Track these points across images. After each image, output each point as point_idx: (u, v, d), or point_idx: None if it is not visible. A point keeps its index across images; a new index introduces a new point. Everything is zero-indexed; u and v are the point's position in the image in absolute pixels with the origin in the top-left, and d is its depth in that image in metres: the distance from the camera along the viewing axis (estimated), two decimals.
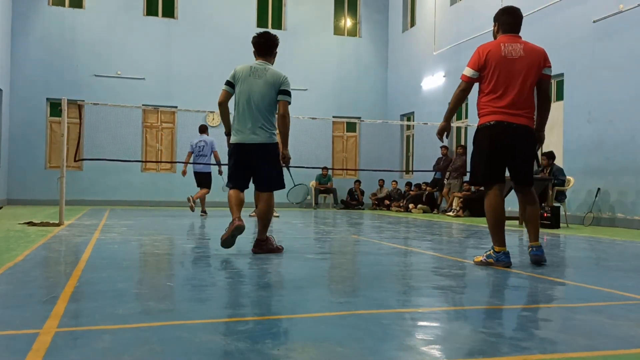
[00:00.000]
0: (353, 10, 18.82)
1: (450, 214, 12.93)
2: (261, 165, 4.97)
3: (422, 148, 16.38)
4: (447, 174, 14.02)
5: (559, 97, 11.63)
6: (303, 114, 12.52)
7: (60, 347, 2.08)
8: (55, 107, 15.57)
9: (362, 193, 17.37)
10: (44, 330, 2.28)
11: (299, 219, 10.96)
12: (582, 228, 9.49)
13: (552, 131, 11.33)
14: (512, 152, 4.42)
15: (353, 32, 18.84)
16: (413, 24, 17.60)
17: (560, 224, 9.41)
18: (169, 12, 16.94)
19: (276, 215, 11.18)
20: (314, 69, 17.73)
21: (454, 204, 13.21)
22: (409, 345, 2.22)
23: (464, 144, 14.08)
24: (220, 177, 11.40)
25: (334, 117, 16.50)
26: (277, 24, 17.95)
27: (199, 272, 4.09)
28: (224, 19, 17.08)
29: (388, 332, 2.38)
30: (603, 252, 6.06)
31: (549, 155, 9.99)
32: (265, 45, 5.09)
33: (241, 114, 4.95)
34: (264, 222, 5.05)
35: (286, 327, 2.49)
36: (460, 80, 4.53)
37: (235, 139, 4.99)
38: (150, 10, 16.80)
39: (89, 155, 14.92)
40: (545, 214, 9.19)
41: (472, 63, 4.45)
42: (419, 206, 14.75)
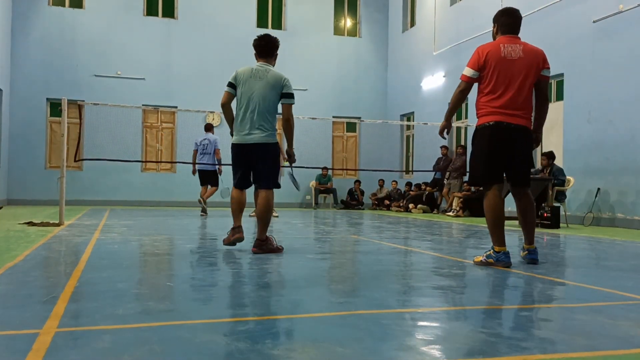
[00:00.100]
0: (353, 10, 18.82)
1: (450, 214, 12.93)
2: (261, 163, 5.09)
3: (422, 148, 16.38)
4: (447, 174, 14.02)
5: (559, 97, 11.63)
6: (303, 114, 12.50)
7: (60, 347, 2.08)
8: (55, 107, 15.57)
9: (362, 193, 17.37)
10: (44, 330, 2.28)
11: (299, 219, 10.96)
12: (582, 228, 9.49)
13: (552, 131, 11.33)
14: (511, 153, 4.44)
15: (353, 32, 18.83)
16: (413, 24, 17.60)
17: (560, 224, 9.41)
18: (169, 12, 16.93)
19: (275, 215, 11.20)
20: (314, 69, 17.73)
21: (454, 204, 13.21)
22: (409, 345, 2.22)
23: (463, 144, 14.08)
24: (220, 178, 11.47)
25: (334, 117, 16.49)
26: (277, 24, 17.95)
27: (199, 272, 4.09)
28: (224, 19, 17.08)
29: (388, 332, 2.38)
30: (603, 252, 6.06)
31: (549, 155, 9.99)
32: (266, 48, 5.17)
33: (242, 115, 5.05)
34: (263, 222, 5.07)
35: (286, 327, 2.49)
36: (460, 80, 4.53)
37: (235, 139, 5.13)
38: (150, 10, 16.80)
39: (89, 155, 14.91)
40: (545, 214, 9.19)
41: (472, 63, 4.46)
42: (419, 206, 14.75)
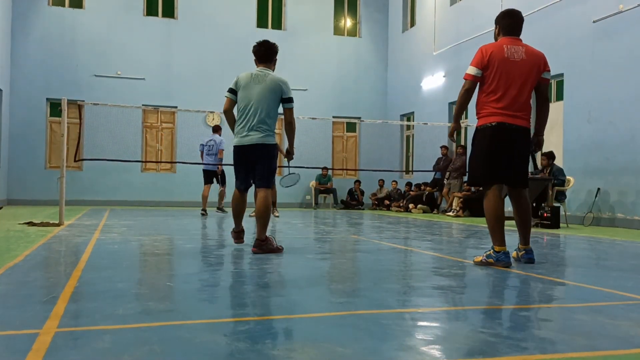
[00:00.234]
0: (353, 10, 18.82)
1: (450, 214, 12.93)
2: (259, 163, 5.19)
3: (422, 148, 16.38)
4: (447, 174, 14.02)
5: (559, 97, 11.63)
6: (303, 114, 12.51)
7: (60, 347, 2.08)
8: (55, 107, 15.57)
9: (362, 193, 17.37)
10: (44, 330, 2.28)
11: (299, 219, 10.96)
12: (582, 228, 9.49)
13: (552, 131, 11.33)
14: (511, 153, 4.46)
15: (353, 32, 18.83)
16: (413, 24, 17.59)
17: (560, 224, 9.40)
18: (169, 12, 16.93)
19: (277, 215, 11.22)
20: (314, 69, 17.73)
21: (454, 204, 13.21)
22: (409, 345, 2.22)
23: (463, 144, 14.08)
24: (224, 180, 11.54)
25: (334, 117, 16.49)
26: (277, 24, 17.95)
27: (199, 272, 4.09)
28: (224, 19, 17.07)
29: (388, 332, 2.38)
30: (603, 252, 6.06)
31: (549, 155, 9.99)
32: (266, 53, 5.31)
33: (241, 118, 5.19)
34: (262, 221, 5.10)
35: (286, 327, 2.49)
36: (464, 80, 4.53)
37: (235, 141, 5.26)
38: (150, 10, 16.80)
39: (89, 155, 14.91)
40: (545, 214, 9.19)
41: (476, 62, 4.46)
42: (419, 206, 14.74)
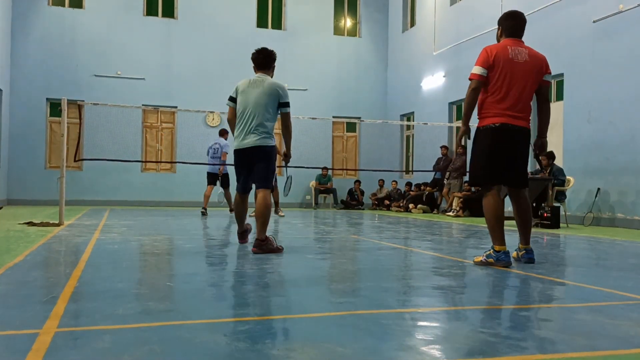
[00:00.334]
0: (353, 10, 18.81)
1: (450, 214, 12.93)
2: (257, 165, 5.24)
3: (422, 148, 16.38)
4: (447, 174, 14.02)
5: (559, 97, 11.63)
6: (303, 114, 12.52)
7: (60, 347, 2.08)
8: (55, 107, 15.56)
9: (362, 193, 17.36)
10: (44, 330, 2.28)
11: (299, 219, 10.95)
12: (582, 228, 9.48)
13: (552, 131, 11.32)
14: (513, 154, 4.48)
15: (353, 32, 18.82)
16: (413, 24, 17.59)
17: (560, 224, 9.40)
18: (169, 12, 16.93)
19: (282, 214, 11.31)
20: (314, 69, 17.73)
21: (454, 204, 13.21)
22: (409, 345, 2.22)
23: (464, 144, 14.07)
24: (223, 180, 11.55)
25: (334, 117, 16.48)
26: (277, 24, 17.95)
27: (199, 272, 4.09)
28: (224, 19, 17.07)
29: (388, 332, 2.38)
30: (603, 252, 6.06)
31: (549, 155, 9.98)
32: (264, 61, 5.40)
33: (240, 122, 5.28)
34: (262, 221, 5.11)
35: (286, 327, 2.49)
36: (470, 80, 4.52)
37: (235, 145, 5.33)
38: (150, 10, 16.79)
39: (89, 155, 14.91)
40: (545, 214, 9.19)
41: (481, 61, 4.46)
42: (419, 206, 14.74)
